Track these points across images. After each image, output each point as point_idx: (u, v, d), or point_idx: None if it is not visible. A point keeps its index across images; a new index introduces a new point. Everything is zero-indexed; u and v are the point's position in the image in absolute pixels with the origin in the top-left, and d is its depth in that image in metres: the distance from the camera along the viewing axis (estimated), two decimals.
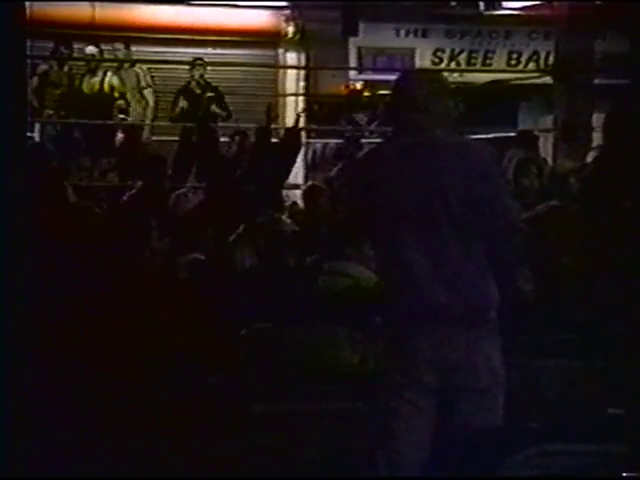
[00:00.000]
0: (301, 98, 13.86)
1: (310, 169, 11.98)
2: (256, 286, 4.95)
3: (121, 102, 10.73)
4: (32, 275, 3.10)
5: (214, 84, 11.07)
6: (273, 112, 8.81)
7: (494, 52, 14.31)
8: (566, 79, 9.96)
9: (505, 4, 13.40)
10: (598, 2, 10.56)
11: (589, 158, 7.60)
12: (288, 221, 7.17)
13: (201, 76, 10.75)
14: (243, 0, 12.75)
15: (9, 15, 3.00)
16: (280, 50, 13.96)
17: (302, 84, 14.01)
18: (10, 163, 2.98)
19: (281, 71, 13.99)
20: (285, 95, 13.92)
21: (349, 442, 4.08)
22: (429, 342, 3.40)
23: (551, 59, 11.78)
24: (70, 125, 10.52)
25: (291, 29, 13.79)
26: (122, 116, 10.80)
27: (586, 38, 10.08)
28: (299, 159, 10.62)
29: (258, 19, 13.55)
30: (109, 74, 10.75)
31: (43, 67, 10.50)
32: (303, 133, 12.62)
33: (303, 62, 14.00)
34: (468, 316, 3.41)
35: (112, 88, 10.65)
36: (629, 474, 3.24)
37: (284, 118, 13.64)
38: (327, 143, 12.51)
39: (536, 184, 6.90)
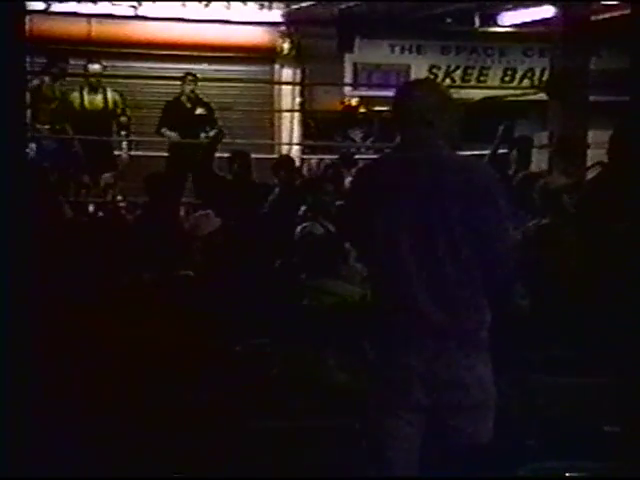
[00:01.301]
0: (297, 114, 13.89)
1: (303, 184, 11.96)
2: (241, 304, 4.95)
3: (124, 119, 10.75)
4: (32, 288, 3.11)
5: (209, 100, 11.06)
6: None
7: (489, 68, 14.36)
8: (561, 96, 9.98)
9: (500, 21, 13.46)
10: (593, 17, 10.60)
11: (584, 174, 7.62)
12: None
13: (192, 91, 10.74)
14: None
15: (9, 31, 3.00)
16: (276, 66, 13.99)
17: (298, 100, 14.04)
18: (10, 178, 2.98)
19: (276, 87, 14.01)
20: (280, 111, 13.94)
21: (336, 459, 4.07)
22: (421, 359, 3.39)
23: (546, 76, 11.82)
24: (69, 140, 10.53)
25: (287, 45, 13.83)
26: (123, 133, 10.81)
27: (581, 55, 10.10)
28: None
29: (254, 35, 13.58)
30: (109, 90, 10.77)
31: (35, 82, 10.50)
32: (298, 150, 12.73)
33: (299, 78, 14.04)
34: (460, 334, 3.41)
35: (115, 104, 10.68)
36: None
37: (280, 134, 13.69)
38: (322, 159, 12.51)
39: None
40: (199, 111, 10.70)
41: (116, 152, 10.80)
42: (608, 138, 5.23)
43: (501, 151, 9.29)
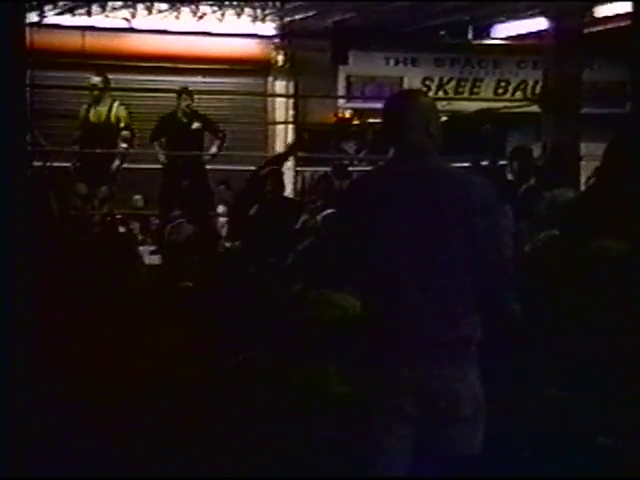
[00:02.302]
0: (290, 126, 13.92)
1: (299, 196, 11.99)
2: (243, 315, 4.95)
3: (126, 133, 10.80)
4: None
5: (202, 112, 11.07)
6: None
7: (482, 81, 14.41)
8: (554, 108, 10.02)
9: (493, 33, 13.52)
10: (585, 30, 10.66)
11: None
12: None
13: (187, 106, 10.76)
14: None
15: (9, 44, 3.02)
16: (270, 78, 14.02)
17: (291, 112, 14.07)
18: (11, 190, 2.99)
19: (270, 99, 14.04)
20: (274, 123, 13.97)
21: (335, 472, 4.08)
22: (413, 370, 3.40)
23: (539, 88, 11.87)
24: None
25: (281, 57, 13.86)
26: (125, 145, 10.84)
27: (573, 67, 10.15)
28: (288, 187, 10.69)
29: (248, 48, 13.62)
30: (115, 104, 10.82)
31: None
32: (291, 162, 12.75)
33: (292, 90, 14.07)
34: (454, 346, 3.42)
35: (117, 119, 10.73)
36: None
37: (273, 146, 13.71)
38: (316, 171, 12.53)
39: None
40: (195, 125, 10.73)
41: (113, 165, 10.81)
42: (603, 152, 5.24)
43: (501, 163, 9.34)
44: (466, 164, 8.82)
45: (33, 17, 11.80)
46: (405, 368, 3.40)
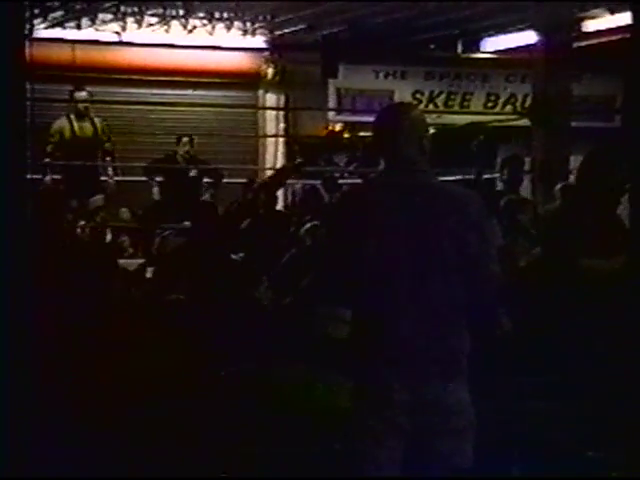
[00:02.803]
0: (281, 139, 13.93)
1: (288, 209, 11.99)
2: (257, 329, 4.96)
3: (109, 145, 10.83)
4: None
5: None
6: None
7: (472, 94, 14.44)
8: (543, 121, 10.05)
9: (483, 47, 13.55)
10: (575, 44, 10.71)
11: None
12: None
13: (187, 152, 10.81)
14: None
15: (9, 57, 3.02)
16: (260, 91, 14.04)
17: (282, 125, 14.08)
18: (10, 203, 2.99)
19: (261, 112, 14.05)
20: (265, 136, 13.98)
21: None
22: (404, 384, 3.40)
23: (528, 101, 11.90)
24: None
25: (271, 70, 13.88)
26: (108, 158, 10.88)
27: (563, 81, 10.19)
28: (279, 200, 10.69)
29: (238, 61, 13.63)
30: (95, 117, 10.85)
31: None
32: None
33: (283, 103, 14.08)
34: (444, 359, 3.42)
35: (101, 130, 10.77)
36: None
37: (264, 159, 13.72)
38: (306, 184, 12.53)
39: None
40: (192, 173, 10.77)
41: (102, 177, 10.82)
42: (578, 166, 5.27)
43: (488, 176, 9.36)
44: (452, 177, 8.82)
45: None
46: (396, 381, 3.40)
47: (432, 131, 4.03)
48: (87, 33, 12.23)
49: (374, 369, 3.45)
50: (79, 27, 12.12)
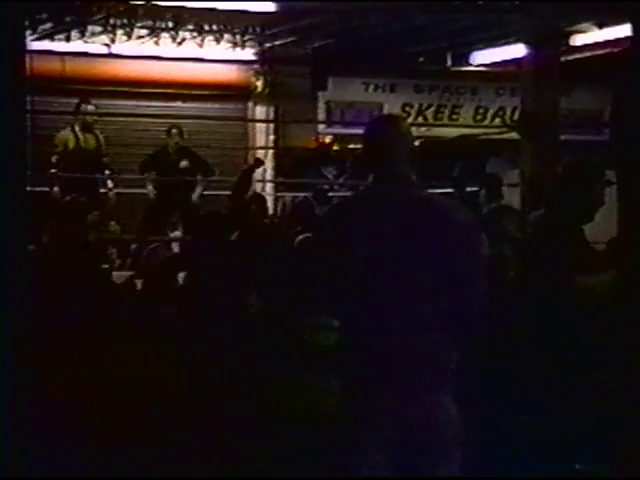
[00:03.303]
0: (270, 151, 13.94)
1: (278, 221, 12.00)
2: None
3: (108, 159, 10.88)
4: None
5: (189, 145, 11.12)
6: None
7: (461, 107, 14.49)
8: (531, 135, 10.09)
9: (472, 60, 13.60)
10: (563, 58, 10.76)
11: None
12: None
13: (176, 143, 10.86)
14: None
15: (9, 70, 3.03)
16: (250, 104, 14.05)
17: (271, 137, 14.09)
18: (11, 215, 2.99)
19: (250, 124, 14.07)
20: (254, 148, 13.99)
21: None
22: (392, 398, 3.40)
23: (517, 115, 11.94)
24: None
25: (260, 83, 13.90)
26: (107, 172, 10.92)
27: (551, 95, 10.23)
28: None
29: (228, 73, 13.64)
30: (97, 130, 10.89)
31: None
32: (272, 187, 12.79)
33: (272, 116, 14.10)
34: (432, 373, 3.42)
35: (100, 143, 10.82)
36: None
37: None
38: (296, 196, 12.55)
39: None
40: (184, 164, 10.81)
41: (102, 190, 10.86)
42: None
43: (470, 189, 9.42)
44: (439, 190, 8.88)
45: None
46: (384, 395, 3.39)
47: (419, 143, 4.05)
48: (76, 45, 12.23)
49: (361, 383, 3.45)
50: (68, 39, 12.13)
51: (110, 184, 10.79)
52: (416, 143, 3.73)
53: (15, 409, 2.97)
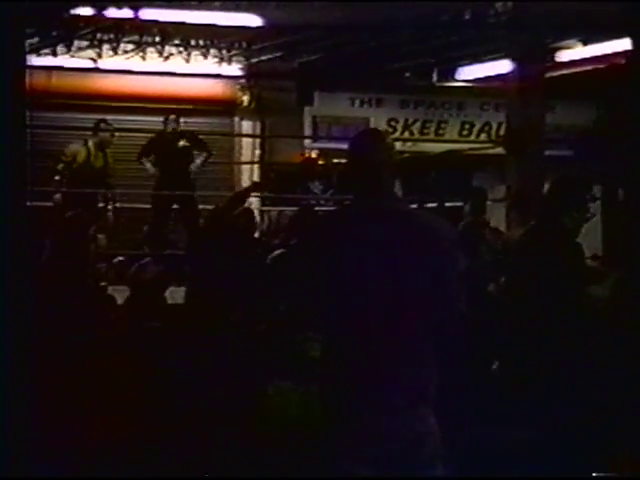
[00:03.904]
0: (256, 166, 13.95)
1: (265, 236, 12.01)
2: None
3: (110, 180, 10.99)
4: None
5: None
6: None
7: (447, 122, 14.54)
8: (517, 150, 10.13)
9: (458, 76, 13.66)
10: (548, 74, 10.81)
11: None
12: None
13: (173, 129, 11.03)
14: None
15: (9, 84, 3.03)
16: (236, 118, 14.07)
17: (258, 152, 14.11)
18: (10, 229, 2.99)
19: (237, 139, 14.08)
20: (241, 163, 14.00)
21: None
22: (374, 413, 3.40)
23: (503, 130, 11.99)
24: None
25: (247, 98, 13.92)
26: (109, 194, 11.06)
27: (536, 110, 10.27)
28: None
29: (214, 88, 13.66)
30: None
31: None
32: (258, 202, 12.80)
33: (259, 130, 14.11)
34: (414, 388, 3.43)
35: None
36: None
37: (240, 185, 13.73)
38: (282, 211, 12.56)
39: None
40: (182, 143, 10.96)
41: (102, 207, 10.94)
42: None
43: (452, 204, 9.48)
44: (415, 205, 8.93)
45: None
46: (366, 412, 3.40)
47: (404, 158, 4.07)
48: (63, 60, 12.23)
49: (343, 397, 3.45)
50: (55, 54, 12.12)
51: (110, 206, 10.91)
52: (402, 157, 3.76)
53: (15, 409, 2.97)
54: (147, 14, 10.68)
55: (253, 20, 10.87)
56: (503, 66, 11.05)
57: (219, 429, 4.47)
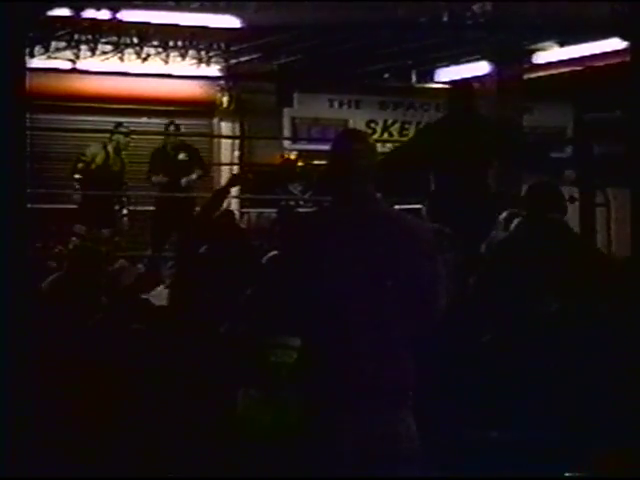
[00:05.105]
0: (235, 167, 13.93)
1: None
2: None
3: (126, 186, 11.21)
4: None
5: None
6: None
7: None
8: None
9: (436, 77, 13.69)
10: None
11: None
12: None
13: (176, 137, 11.13)
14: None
15: (10, 87, 3.03)
16: (215, 119, 14.05)
17: (237, 153, 14.09)
18: (10, 231, 2.99)
19: (215, 140, 14.06)
20: (220, 164, 13.98)
21: None
22: (354, 414, 3.41)
23: None
24: None
25: (226, 99, 13.90)
26: (124, 199, 11.30)
27: (514, 112, 10.31)
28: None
29: (193, 89, 13.64)
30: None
31: None
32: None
33: (238, 132, 14.10)
34: (393, 389, 3.44)
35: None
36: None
37: (219, 187, 13.71)
38: (262, 212, 12.55)
39: None
40: (181, 156, 10.98)
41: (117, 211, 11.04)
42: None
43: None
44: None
45: None
46: (346, 412, 3.40)
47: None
48: (41, 61, 12.17)
49: (323, 398, 3.45)
50: (32, 55, 12.06)
51: (125, 211, 11.12)
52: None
53: (15, 410, 2.97)
54: (125, 15, 10.65)
55: (232, 21, 10.86)
56: (481, 68, 11.09)
57: (187, 432, 4.47)
